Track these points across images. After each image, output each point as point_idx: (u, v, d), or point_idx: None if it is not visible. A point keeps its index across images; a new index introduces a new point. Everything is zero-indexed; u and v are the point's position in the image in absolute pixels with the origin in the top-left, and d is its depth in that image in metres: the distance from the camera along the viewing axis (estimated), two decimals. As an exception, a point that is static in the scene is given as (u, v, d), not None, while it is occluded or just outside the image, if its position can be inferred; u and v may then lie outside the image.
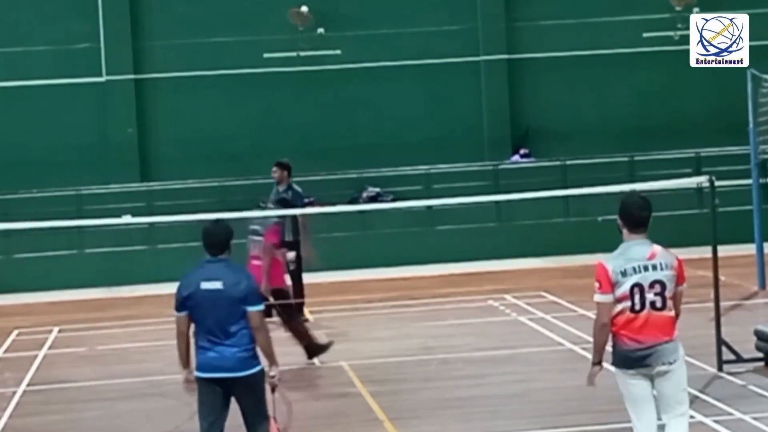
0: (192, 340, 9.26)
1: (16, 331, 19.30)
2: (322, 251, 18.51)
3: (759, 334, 13.73)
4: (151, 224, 23.88)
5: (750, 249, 20.03)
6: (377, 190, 26.68)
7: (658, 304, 8.53)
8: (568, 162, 27.04)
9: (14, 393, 14.44)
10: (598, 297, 8.59)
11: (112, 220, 19.20)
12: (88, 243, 25.27)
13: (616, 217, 8.72)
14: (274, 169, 18.36)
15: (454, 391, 13.33)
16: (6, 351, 17.72)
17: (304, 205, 18.66)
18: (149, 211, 25.35)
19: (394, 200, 25.37)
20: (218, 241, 9.29)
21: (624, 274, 8.51)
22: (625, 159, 27.17)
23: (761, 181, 21.09)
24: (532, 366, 14.58)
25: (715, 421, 11.28)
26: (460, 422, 11.99)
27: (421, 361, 15.19)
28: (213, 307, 9.01)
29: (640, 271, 8.53)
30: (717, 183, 13.81)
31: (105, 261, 25.16)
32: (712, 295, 13.71)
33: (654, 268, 8.58)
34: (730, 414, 11.55)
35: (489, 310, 19.06)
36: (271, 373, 9.34)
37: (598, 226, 25.98)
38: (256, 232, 15.49)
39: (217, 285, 9.05)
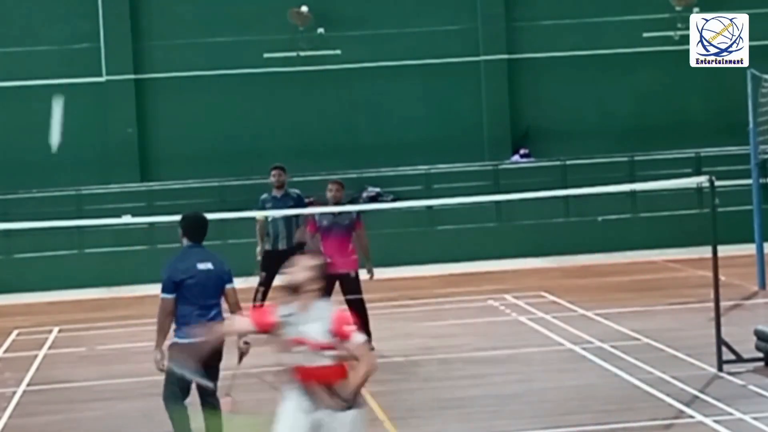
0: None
1: (16, 331, 19.29)
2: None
3: (759, 334, 13.73)
4: (151, 224, 23.87)
5: (750, 249, 20.03)
6: (377, 190, 26.67)
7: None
8: (568, 162, 27.03)
9: (14, 393, 14.43)
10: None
11: (112, 220, 19.20)
12: (88, 243, 25.27)
13: (616, 216, 8.50)
14: (279, 172, 17.78)
15: (454, 391, 13.33)
16: (6, 351, 17.71)
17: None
18: (149, 211, 25.35)
19: (394, 200, 25.36)
20: (205, 230, 10.65)
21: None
22: (625, 159, 27.17)
23: (761, 181, 21.10)
24: (532, 366, 14.58)
25: (715, 421, 11.28)
26: (460, 422, 11.99)
27: (421, 361, 15.19)
28: (205, 285, 10.29)
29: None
30: (717, 183, 13.81)
31: (105, 261, 25.16)
32: (712, 295, 13.71)
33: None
34: (730, 414, 11.54)
35: (489, 310, 19.05)
36: (245, 340, 10.55)
37: (598, 226, 26.04)
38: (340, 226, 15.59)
39: (209, 266, 10.37)
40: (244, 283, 17.18)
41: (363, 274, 16.01)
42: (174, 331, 10.29)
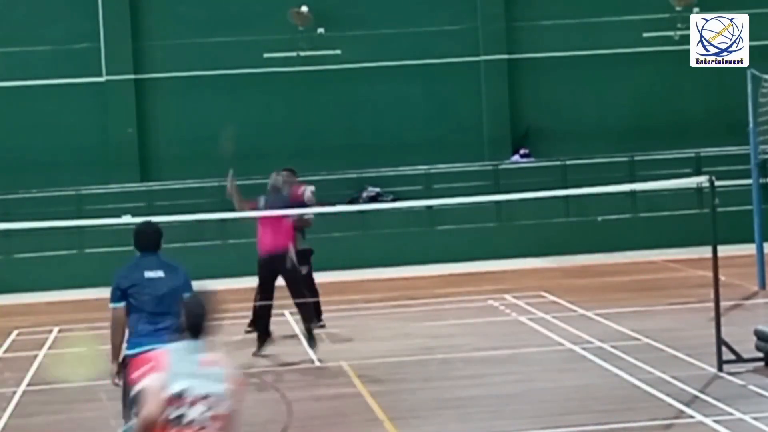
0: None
1: (16, 331, 19.29)
2: (323, 251, 18.50)
3: (759, 334, 13.73)
4: (151, 224, 23.84)
5: (750, 249, 20.03)
6: (377, 190, 26.68)
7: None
8: (568, 162, 27.04)
9: (14, 393, 14.43)
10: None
11: (112, 220, 19.20)
12: (88, 243, 25.27)
13: (616, 216, 8.28)
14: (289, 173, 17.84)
15: (454, 391, 13.33)
16: (6, 351, 17.71)
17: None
18: (149, 211, 25.34)
19: (394, 200, 25.37)
20: (152, 239, 10.42)
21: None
22: (625, 159, 27.18)
23: (761, 181, 21.10)
24: (532, 366, 14.58)
25: (715, 421, 11.28)
26: (460, 422, 11.99)
27: (421, 361, 15.18)
28: (155, 294, 9.93)
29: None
30: (717, 183, 13.81)
31: (105, 261, 25.12)
32: (712, 295, 13.71)
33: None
34: (730, 414, 11.54)
35: (489, 310, 19.05)
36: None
37: (597, 226, 26.04)
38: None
39: (159, 273, 10.09)
40: (245, 284, 17.25)
41: None
42: (126, 342, 9.89)
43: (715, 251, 13.54)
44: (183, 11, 28.13)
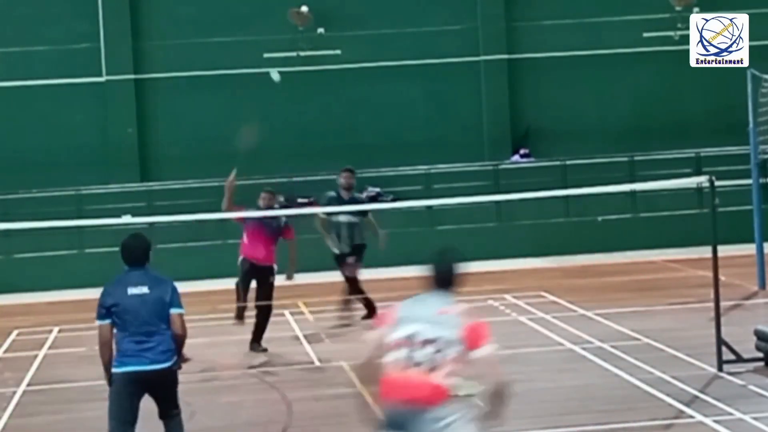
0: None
1: (16, 331, 19.29)
2: (322, 251, 18.50)
3: (759, 334, 13.73)
4: (151, 224, 23.87)
5: (750, 249, 20.03)
6: (377, 190, 26.67)
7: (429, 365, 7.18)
8: (568, 162, 27.04)
9: (14, 393, 14.43)
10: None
11: (112, 220, 19.20)
12: (88, 243, 25.26)
13: (616, 216, 8.36)
14: (348, 174, 18.03)
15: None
16: (6, 351, 17.71)
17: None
18: (149, 211, 25.35)
19: (394, 200, 25.35)
20: (138, 254, 9.86)
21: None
22: (625, 159, 27.17)
23: (761, 181, 21.10)
24: (532, 366, 14.57)
25: (715, 421, 11.28)
26: (460, 422, 11.97)
27: (421, 361, 15.16)
28: (139, 311, 9.67)
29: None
30: (717, 183, 13.81)
31: (105, 261, 25.10)
32: (712, 295, 13.71)
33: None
34: (730, 414, 11.54)
35: (489, 310, 19.03)
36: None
37: (597, 226, 26.04)
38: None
39: (143, 290, 9.71)
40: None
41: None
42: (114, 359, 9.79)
43: (715, 251, 13.54)
44: (183, 11, 28.13)
